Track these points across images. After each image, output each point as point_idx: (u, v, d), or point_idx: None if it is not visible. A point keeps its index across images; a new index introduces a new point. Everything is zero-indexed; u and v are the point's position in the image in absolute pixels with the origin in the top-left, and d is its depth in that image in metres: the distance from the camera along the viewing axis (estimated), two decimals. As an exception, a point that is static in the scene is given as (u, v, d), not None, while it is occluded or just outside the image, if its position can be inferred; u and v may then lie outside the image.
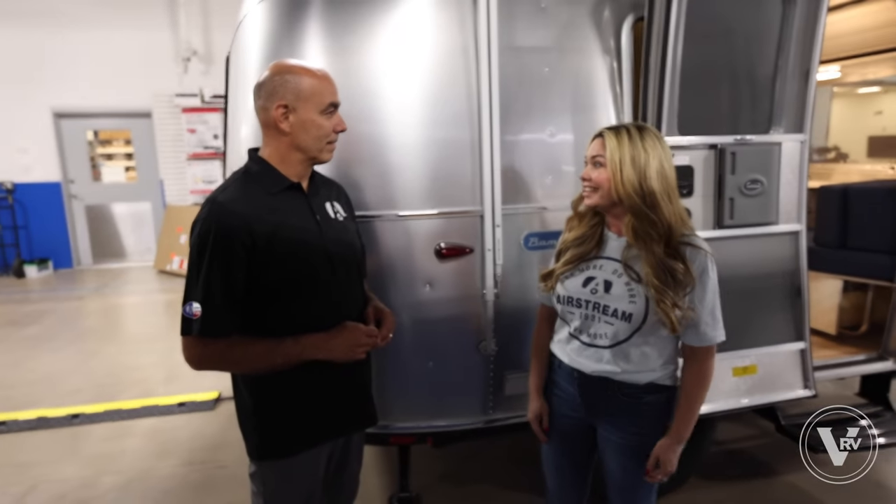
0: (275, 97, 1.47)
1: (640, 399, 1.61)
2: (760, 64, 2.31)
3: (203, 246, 1.39)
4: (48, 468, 3.06)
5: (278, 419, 1.55)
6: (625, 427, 1.64)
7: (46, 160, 8.38)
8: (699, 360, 1.59)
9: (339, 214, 1.66)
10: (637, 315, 1.54)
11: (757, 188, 2.26)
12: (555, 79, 2.16)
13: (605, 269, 1.61)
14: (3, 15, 7.86)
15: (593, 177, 1.57)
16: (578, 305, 1.62)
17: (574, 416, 1.73)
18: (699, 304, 1.53)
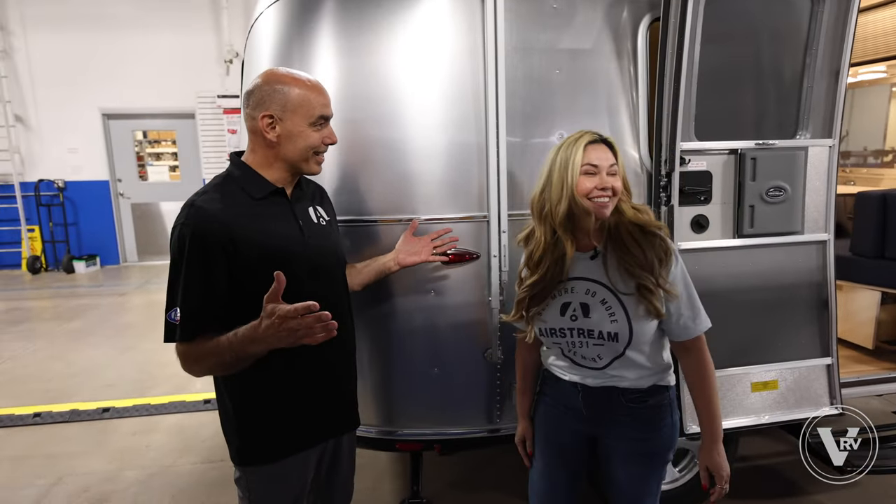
0: (262, 107, 1.46)
1: (645, 402, 1.60)
2: (786, 64, 2.20)
3: (181, 251, 1.37)
4: (75, 461, 3.17)
5: (260, 423, 1.53)
6: (631, 433, 1.62)
7: (95, 159, 8.75)
8: (692, 352, 1.59)
9: (321, 219, 1.65)
10: (623, 333, 1.52)
11: (780, 195, 2.15)
12: (566, 82, 2.10)
13: (578, 291, 1.56)
14: (56, 20, 8.25)
15: (614, 185, 1.49)
16: (563, 335, 1.59)
17: (576, 428, 1.69)
18: (674, 288, 1.52)
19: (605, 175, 1.48)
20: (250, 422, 1.53)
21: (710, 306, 2.15)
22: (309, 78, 1.52)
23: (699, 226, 2.16)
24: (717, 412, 1.59)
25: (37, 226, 8.54)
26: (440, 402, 2.23)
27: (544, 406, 1.76)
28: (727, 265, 2.17)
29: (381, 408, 2.27)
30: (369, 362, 2.20)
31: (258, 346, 1.33)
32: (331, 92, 2.07)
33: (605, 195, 1.48)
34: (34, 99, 8.46)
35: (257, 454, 1.55)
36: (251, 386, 1.50)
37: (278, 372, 1.50)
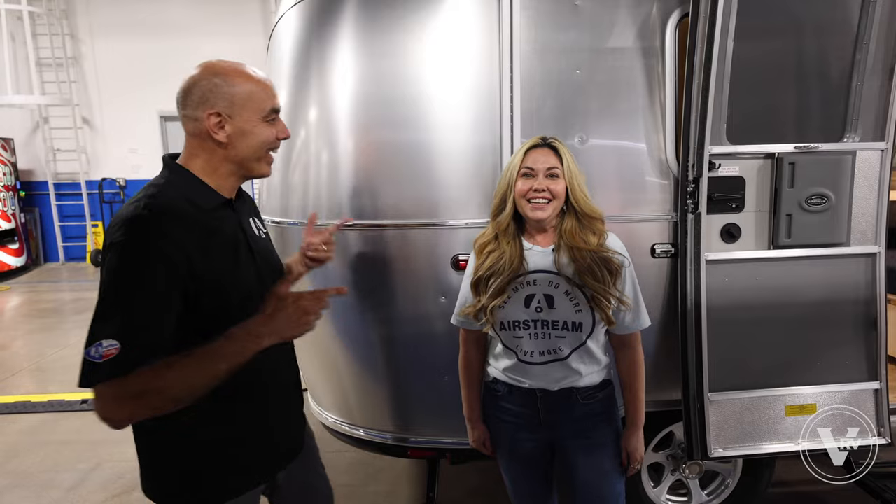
0: (205, 104, 1.27)
1: (596, 398, 1.66)
2: (832, 61, 2.03)
3: (127, 270, 1.15)
4: (115, 448, 3.29)
5: (212, 461, 1.34)
6: (588, 427, 1.67)
7: (153, 159, 9.12)
8: (631, 347, 1.68)
9: (261, 231, 1.51)
10: (587, 323, 1.59)
11: (822, 203, 1.99)
12: (587, 82, 2.01)
13: (541, 283, 1.59)
14: (120, 28, 8.68)
15: (551, 187, 1.56)
16: (526, 327, 1.60)
17: (530, 437, 1.70)
18: (625, 294, 1.60)
19: (542, 177, 1.56)
20: (202, 461, 1.34)
21: (739, 322, 2.05)
22: (252, 68, 1.36)
23: (730, 235, 2.02)
24: (642, 402, 1.70)
25: (100, 222, 8.99)
26: (451, 411, 2.18)
27: (495, 422, 1.75)
28: (760, 278, 2.02)
29: (394, 414, 2.24)
30: (383, 368, 2.17)
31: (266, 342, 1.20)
32: (350, 94, 2.10)
33: (540, 196, 1.55)
34: (99, 102, 8.93)
35: (212, 495, 1.36)
36: (205, 417, 1.29)
37: (232, 400, 1.32)
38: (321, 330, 2.23)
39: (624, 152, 2.03)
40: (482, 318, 1.62)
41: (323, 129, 2.09)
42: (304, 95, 2.11)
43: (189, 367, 1.15)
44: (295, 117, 2.13)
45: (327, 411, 2.40)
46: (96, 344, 1.11)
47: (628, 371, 1.69)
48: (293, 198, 2.16)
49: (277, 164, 2.20)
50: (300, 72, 2.12)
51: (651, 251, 2.03)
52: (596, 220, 1.59)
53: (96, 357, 1.10)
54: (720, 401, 2.03)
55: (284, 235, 2.21)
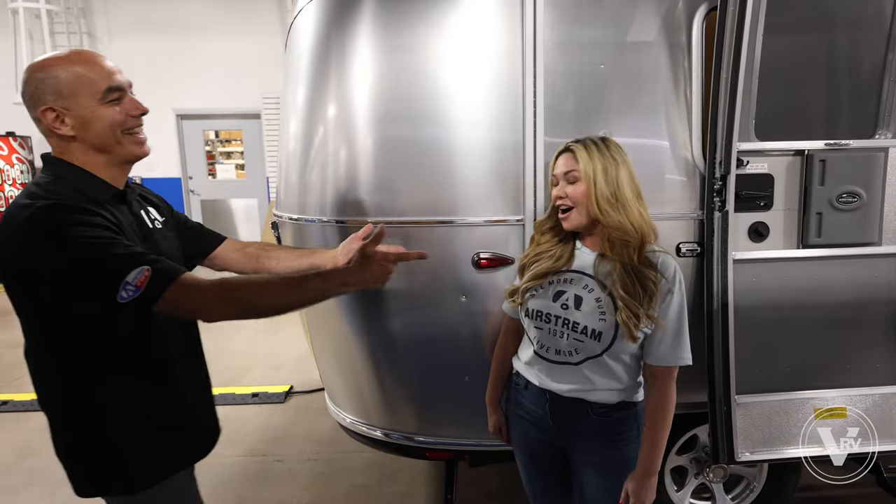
0: (37, 103, 1.23)
1: (611, 416, 1.59)
2: (864, 56, 1.98)
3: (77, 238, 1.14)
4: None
5: (147, 437, 1.37)
6: (600, 445, 1.61)
7: (169, 158, 9.18)
8: (658, 382, 1.55)
9: (156, 221, 1.46)
10: (606, 334, 1.52)
11: (853, 202, 1.93)
12: (611, 77, 1.97)
13: (576, 283, 1.57)
14: (137, 26, 8.72)
15: (568, 193, 1.53)
16: (547, 320, 1.58)
17: (543, 438, 1.69)
18: (663, 319, 1.50)
19: (562, 183, 1.55)
20: (138, 437, 1.36)
21: (767, 323, 2.00)
22: (75, 51, 1.28)
23: (758, 234, 1.97)
24: (660, 447, 1.55)
25: (116, 220, 9.05)
26: (471, 412, 2.15)
27: (513, 415, 1.76)
28: (789, 278, 1.97)
29: (413, 415, 2.22)
30: (401, 368, 2.15)
31: (351, 289, 1.38)
32: (369, 90, 2.07)
33: (561, 204, 1.54)
34: (116, 100, 8.97)
35: (149, 474, 1.38)
36: (132, 395, 1.34)
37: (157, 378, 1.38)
38: (338, 328, 2.21)
39: (648, 149, 1.99)
40: (516, 298, 1.64)
41: (342, 126, 2.07)
42: (322, 91, 2.09)
43: (284, 289, 1.29)
44: (313, 114, 2.11)
45: (344, 411, 2.38)
46: (123, 286, 1.13)
47: (652, 408, 1.55)
48: (311, 195, 2.14)
49: (295, 161, 2.18)
50: (319, 67, 2.09)
51: (676, 250, 1.99)
52: (629, 237, 1.49)
53: (132, 291, 1.14)
54: (747, 403, 1.99)
55: (302, 233, 2.19)
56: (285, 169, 2.24)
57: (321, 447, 3.24)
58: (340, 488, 2.88)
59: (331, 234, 2.11)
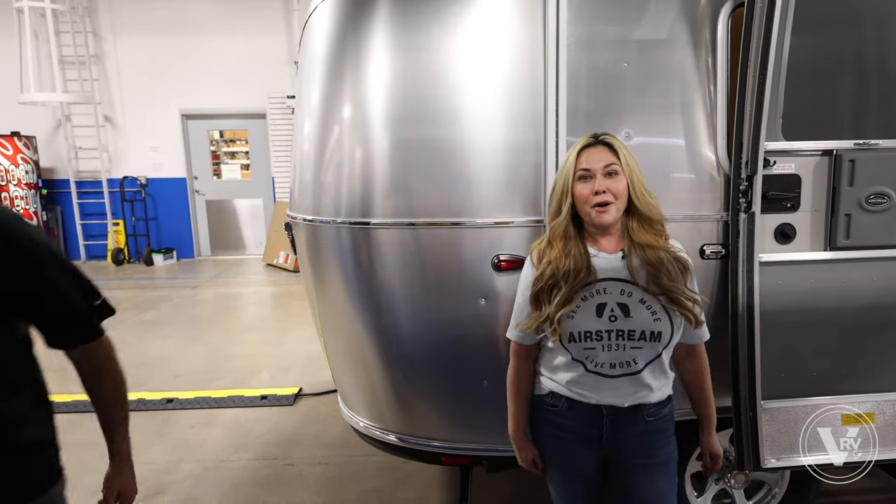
0: None
1: (659, 414, 1.59)
2: (894, 54, 1.93)
3: None
4: (138, 450, 3.16)
5: None
6: (651, 446, 1.59)
7: (174, 158, 9.17)
8: (697, 355, 1.65)
9: None
10: (666, 332, 1.50)
11: (883, 203, 1.89)
12: (634, 75, 1.93)
13: (612, 291, 1.50)
14: (142, 26, 8.71)
15: (611, 187, 1.47)
16: (598, 338, 1.49)
17: (591, 455, 1.62)
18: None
19: (601, 177, 1.47)
20: None
21: (794, 326, 1.95)
22: None
23: (784, 236, 1.93)
24: (713, 403, 1.69)
25: (121, 220, 9.04)
26: (489, 417, 2.10)
27: (550, 438, 1.65)
28: (816, 280, 1.93)
29: (428, 419, 2.18)
30: (417, 371, 2.11)
31: None
32: (385, 89, 2.03)
33: (603, 199, 1.46)
34: (121, 100, 8.96)
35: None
36: None
37: None
38: (352, 329, 2.17)
39: (672, 148, 1.95)
40: (546, 330, 1.52)
41: (357, 126, 2.03)
42: (338, 91, 2.05)
43: None
44: (328, 114, 2.07)
45: (358, 415, 2.34)
46: None
47: (698, 374, 1.66)
48: (325, 196, 2.10)
49: (310, 161, 2.15)
50: (334, 67, 2.06)
51: (700, 252, 1.95)
52: (656, 223, 1.51)
53: None
54: (773, 409, 1.95)
55: (317, 234, 2.15)
56: (300, 170, 2.21)
57: (332, 451, 3.20)
58: (352, 492, 2.85)
59: (345, 235, 2.07)
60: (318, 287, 2.26)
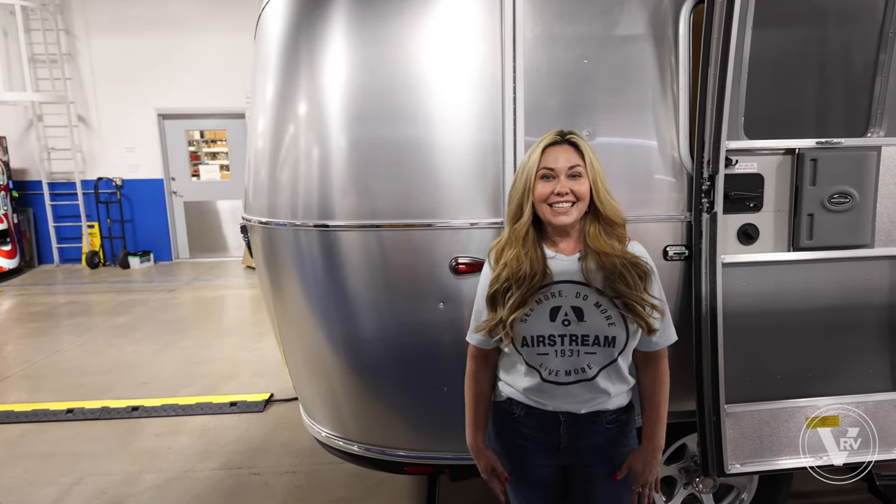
0: None
1: (620, 420, 1.54)
2: (855, 51, 1.91)
3: None
4: (99, 461, 3.17)
5: None
6: (610, 453, 1.56)
7: (151, 159, 9.00)
8: (654, 363, 1.55)
9: None
10: (620, 337, 1.45)
11: (845, 203, 1.86)
12: (595, 72, 1.88)
13: (567, 294, 1.45)
14: (116, 23, 8.54)
15: (574, 189, 1.42)
16: (551, 343, 1.45)
17: (550, 463, 1.58)
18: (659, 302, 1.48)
19: (564, 178, 1.42)
20: None
21: (757, 329, 1.92)
22: None
23: (747, 236, 1.89)
24: (664, 419, 1.57)
25: (96, 222, 8.86)
26: (451, 425, 2.05)
27: (509, 445, 1.60)
28: (780, 282, 1.90)
29: (390, 428, 2.12)
30: (377, 379, 2.05)
31: None
32: (342, 85, 1.96)
33: (563, 200, 1.41)
34: (95, 100, 8.79)
35: None
36: None
37: None
38: (311, 337, 2.11)
39: (634, 148, 1.91)
40: (498, 334, 1.47)
41: (313, 123, 1.96)
42: (292, 87, 1.98)
43: None
44: (283, 110, 2.00)
45: (320, 425, 2.27)
46: None
47: (653, 383, 1.55)
48: (281, 196, 2.03)
49: (264, 161, 2.08)
50: (288, 61, 1.99)
51: (663, 254, 1.91)
52: (618, 226, 1.46)
53: None
54: (737, 413, 1.91)
55: (272, 237, 2.08)
56: (253, 168, 2.14)
57: (300, 459, 3.13)
58: (319, 502, 2.78)
59: (304, 239, 2.01)
60: (276, 293, 2.19)
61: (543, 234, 1.52)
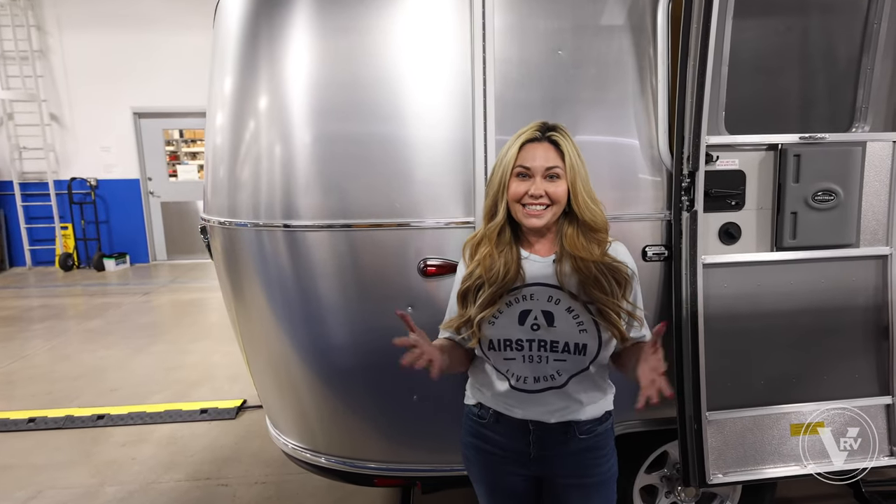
0: None
1: (595, 431, 1.46)
2: (840, 43, 1.84)
3: None
4: (58, 473, 3.03)
5: None
6: (585, 465, 1.46)
7: (127, 158, 8.80)
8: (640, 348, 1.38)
9: None
10: (592, 346, 1.37)
11: (830, 200, 1.79)
12: (570, 65, 1.79)
13: (539, 297, 1.37)
14: (90, 20, 8.34)
15: (550, 191, 1.33)
16: (519, 347, 1.37)
17: (520, 472, 1.49)
18: (636, 308, 1.41)
19: (540, 179, 1.34)
20: None
21: (740, 332, 1.84)
22: None
23: (729, 236, 1.82)
24: None
25: (70, 223, 8.64)
26: (422, 434, 1.96)
27: (477, 452, 1.51)
28: (762, 283, 1.82)
29: (355, 438, 2.01)
30: (345, 387, 1.94)
31: None
32: (305, 77, 1.85)
33: (537, 203, 1.33)
34: (69, 98, 8.57)
35: None
36: None
37: None
38: (276, 344, 2.00)
39: (611, 144, 1.82)
40: (465, 332, 1.39)
41: (275, 118, 1.85)
42: (252, 79, 1.87)
43: None
44: (243, 104, 1.89)
45: (286, 436, 2.16)
46: None
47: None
48: (242, 195, 1.92)
49: (224, 158, 1.96)
50: (248, 51, 1.88)
51: (642, 254, 1.83)
52: (599, 232, 1.38)
53: None
54: (719, 420, 1.83)
55: (233, 238, 1.97)
56: (212, 165, 2.02)
57: (271, 468, 3.01)
58: (289, 514, 2.67)
59: (267, 239, 1.89)
60: (237, 297, 2.08)
61: (519, 233, 1.43)
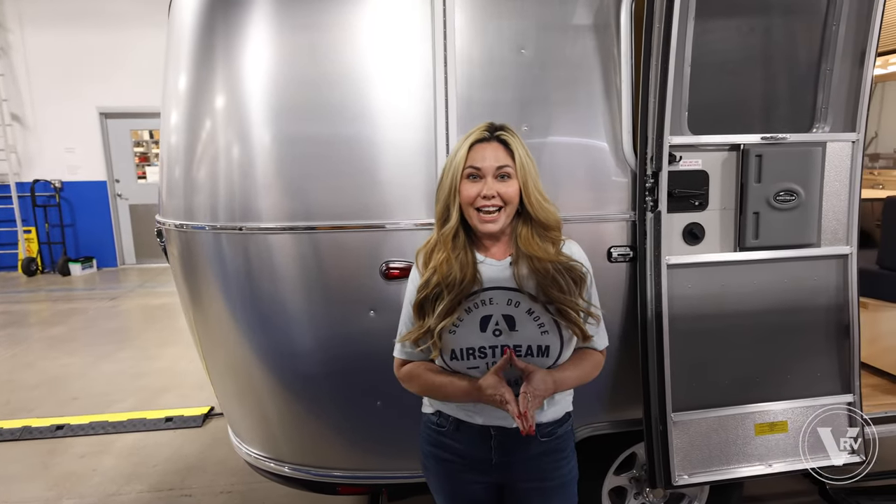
0: None
1: (556, 433, 1.44)
2: (800, 44, 1.85)
3: None
4: (13, 486, 2.91)
5: None
6: (546, 468, 1.44)
7: (93, 160, 8.58)
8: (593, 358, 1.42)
9: None
10: (554, 346, 1.34)
11: (791, 200, 1.80)
12: (533, 63, 1.77)
13: (498, 301, 1.34)
14: (53, 17, 8.11)
15: (501, 192, 1.30)
16: (482, 355, 1.33)
17: (481, 480, 1.45)
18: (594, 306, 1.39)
19: (491, 180, 1.31)
20: None
21: (704, 333, 1.84)
22: None
23: (693, 236, 1.81)
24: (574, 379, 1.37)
25: (33, 227, 8.40)
26: (386, 441, 1.92)
27: (436, 461, 1.47)
28: (726, 283, 1.82)
29: (318, 446, 1.96)
30: (303, 393, 1.89)
31: None
32: (265, 75, 1.80)
33: (490, 204, 1.30)
34: (31, 97, 8.33)
35: None
36: None
37: None
38: (236, 351, 1.94)
39: (576, 144, 1.80)
40: (426, 343, 1.33)
41: (232, 117, 1.80)
42: (208, 76, 1.81)
43: None
44: (198, 103, 1.83)
45: (248, 445, 2.10)
46: None
47: (584, 365, 1.38)
48: (199, 196, 1.86)
49: (179, 158, 1.90)
50: (203, 47, 1.82)
51: (607, 255, 1.81)
52: (552, 229, 1.35)
53: None
54: (685, 421, 1.83)
55: (189, 241, 1.90)
56: (167, 165, 1.96)
57: (237, 477, 2.94)
58: (255, 523, 2.60)
59: (226, 242, 1.84)
60: (195, 303, 2.02)
61: (473, 237, 1.40)
